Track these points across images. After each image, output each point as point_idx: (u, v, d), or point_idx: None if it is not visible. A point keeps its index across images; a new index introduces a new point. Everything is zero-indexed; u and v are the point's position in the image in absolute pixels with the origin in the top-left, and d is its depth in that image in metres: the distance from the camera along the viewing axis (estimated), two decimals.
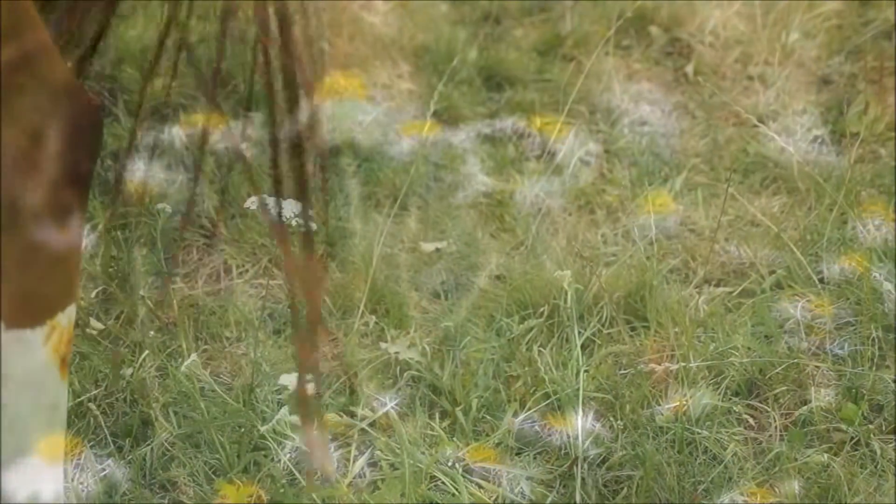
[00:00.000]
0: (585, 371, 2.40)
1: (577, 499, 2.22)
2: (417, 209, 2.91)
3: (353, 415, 2.33)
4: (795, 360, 2.45)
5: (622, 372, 2.45)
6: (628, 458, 2.30)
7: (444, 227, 2.88)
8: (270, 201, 2.28)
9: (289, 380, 2.25)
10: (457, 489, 2.21)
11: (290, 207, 2.27)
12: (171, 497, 2.26)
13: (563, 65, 3.59)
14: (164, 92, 3.22)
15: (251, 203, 2.27)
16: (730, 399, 2.43)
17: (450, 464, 2.26)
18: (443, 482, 2.23)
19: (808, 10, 3.74)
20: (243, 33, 3.53)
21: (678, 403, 2.37)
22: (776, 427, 2.35)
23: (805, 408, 2.37)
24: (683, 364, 2.41)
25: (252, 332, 2.56)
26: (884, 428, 2.36)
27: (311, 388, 1.74)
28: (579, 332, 2.46)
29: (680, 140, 3.25)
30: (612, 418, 2.37)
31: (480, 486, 2.25)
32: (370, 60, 3.51)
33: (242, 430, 2.30)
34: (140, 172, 2.93)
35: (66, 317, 1.66)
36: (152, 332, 2.54)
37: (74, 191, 1.64)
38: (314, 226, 2.27)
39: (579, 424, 2.29)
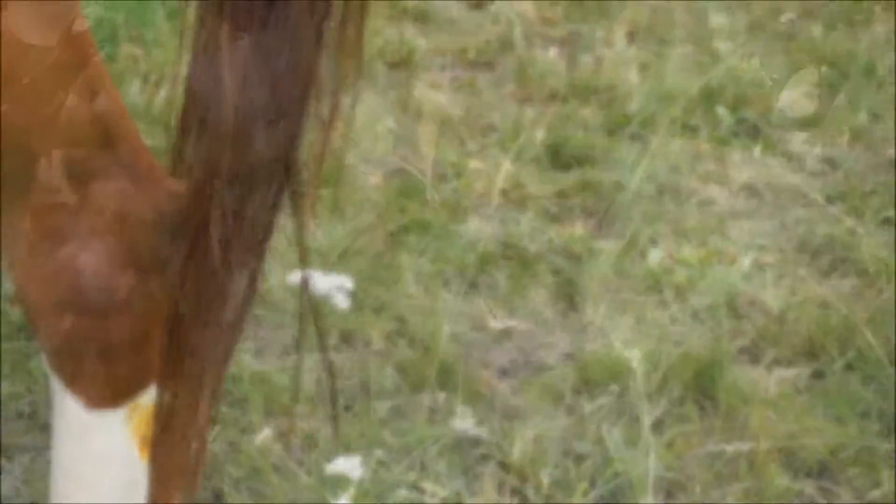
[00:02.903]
0: (655, 451, 2.40)
1: None
2: (487, 287, 2.92)
3: (422, 491, 2.33)
4: (868, 445, 2.44)
5: (692, 452, 2.44)
6: None
7: (514, 306, 2.89)
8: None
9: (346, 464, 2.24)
10: None
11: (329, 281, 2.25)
12: None
13: (630, 144, 3.61)
14: None
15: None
16: (801, 480, 2.42)
17: None
18: None
19: (877, 91, 3.75)
20: None
21: (749, 484, 2.36)
22: None
23: (877, 491, 2.36)
24: (754, 444, 2.41)
25: (322, 407, 2.57)
26: None
27: None
28: (648, 412, 2.46)
29: (748, 221, 3.25)
30: (682, 498, 2.36)
31: None
32: (437, 139, 3.54)
33: None
34: None
35: (147, 398, 1.68)
36: (224, 408, 2.56)
37: (156, 277, 1.66)
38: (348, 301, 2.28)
39: None
